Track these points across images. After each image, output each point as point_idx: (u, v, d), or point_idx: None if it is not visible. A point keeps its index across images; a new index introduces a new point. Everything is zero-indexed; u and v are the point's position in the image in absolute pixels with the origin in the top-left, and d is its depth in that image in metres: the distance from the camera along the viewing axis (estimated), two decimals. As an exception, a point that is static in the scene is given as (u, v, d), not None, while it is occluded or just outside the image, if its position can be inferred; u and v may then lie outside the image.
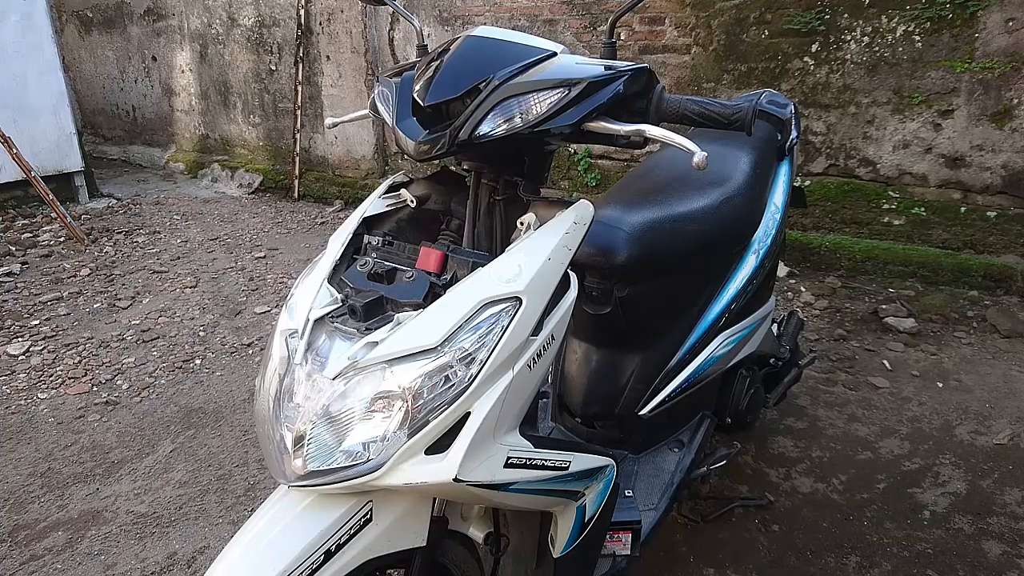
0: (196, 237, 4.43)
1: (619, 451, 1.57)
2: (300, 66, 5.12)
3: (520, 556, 1.29)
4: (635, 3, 0.97)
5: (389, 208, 1.14)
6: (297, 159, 5.31)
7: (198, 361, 2.87)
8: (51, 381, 2.73)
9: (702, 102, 0.95)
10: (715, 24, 3.51)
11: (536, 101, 0.91)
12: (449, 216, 1.13)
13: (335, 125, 1.30)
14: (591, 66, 0.95)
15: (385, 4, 1.22)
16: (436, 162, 1.00)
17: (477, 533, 1.15)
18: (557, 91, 0.90)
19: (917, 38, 3.05)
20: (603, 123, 0.93)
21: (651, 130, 0.92)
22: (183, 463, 2.22)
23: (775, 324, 2.12)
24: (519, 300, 0.90)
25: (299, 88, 5.17)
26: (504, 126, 0.91)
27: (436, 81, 0.94)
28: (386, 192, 1.14)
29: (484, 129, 0.91)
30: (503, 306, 0.90)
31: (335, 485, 0.89)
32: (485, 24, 4.07)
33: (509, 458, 0.95)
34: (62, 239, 4.32)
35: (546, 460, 1.02)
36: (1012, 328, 2.77)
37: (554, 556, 1.20)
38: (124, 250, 4.19)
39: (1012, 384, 2.45)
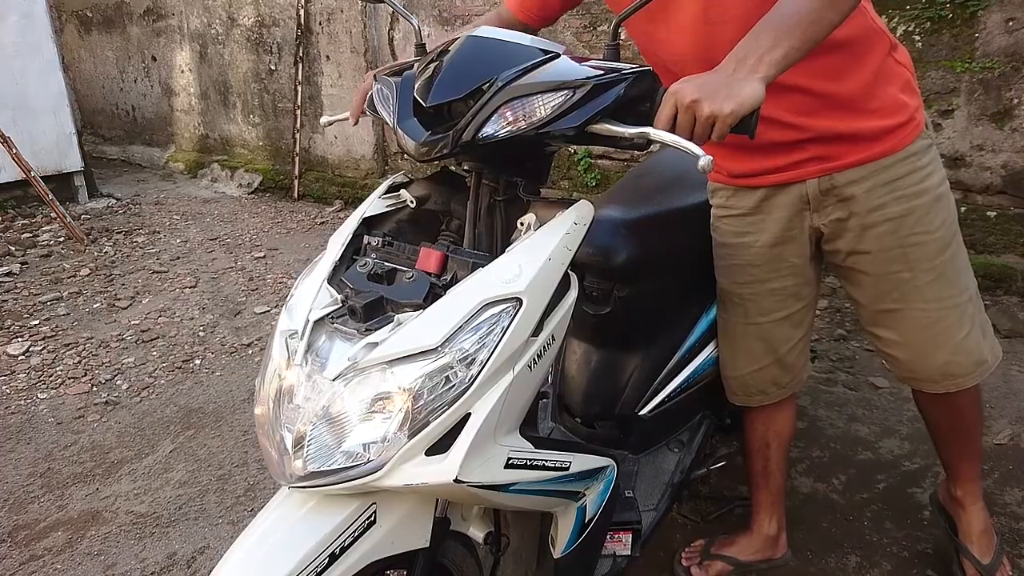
0: (196, 237, 4.43)
1: (619, 451, 1.57)
2: (300, 66, 5.11)
3: (520, 556, 1.29)
4: (640, 5, 0.97)
5: (389, 208, 1.14)
6: (297, 159, 5.30)
7: (198, 361, 2.87)
8: (51, 381, 2.73)
9: None
10: (715, 24, 3.51)
11: (540, 103, 0.90)
12: (449, 216, 1.13)
13: (330, 123, 1.30)
14: (594, 68, 0.94)
15: (385, 4, 1.22)
16: (436, 162, 1.00)
17: (477, 533, 1.15)
18: (561, 93, 0.90)
19: (917, 38, 3.05)
20: (607, 125, 0.92)
21: (655, 132, 0.91)
22: (183, 463, 2.22)
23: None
24: (519, 301, 0.90)
25: (299, 88, 5.17)
26: (508, 128, 0.91)
27: (438, 81, 0.94)
28: (386, 192, 1.14)
29: (488, 131, 0.91)
30: (503, 307, 0.90)
31: (336, 486, 0.88)
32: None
33: (509, 459, 0.95)
34: (62, 239, 4.32)
35: (546, 461, 1.02)
36: (1012, 328, 2.77)
37: (554, 556, 1.20)
38: (124, 250, 4.19)
39: (1012, 384, 2.45)
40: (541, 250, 0.94)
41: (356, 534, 0.91)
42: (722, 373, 1.59)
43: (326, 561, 0.88)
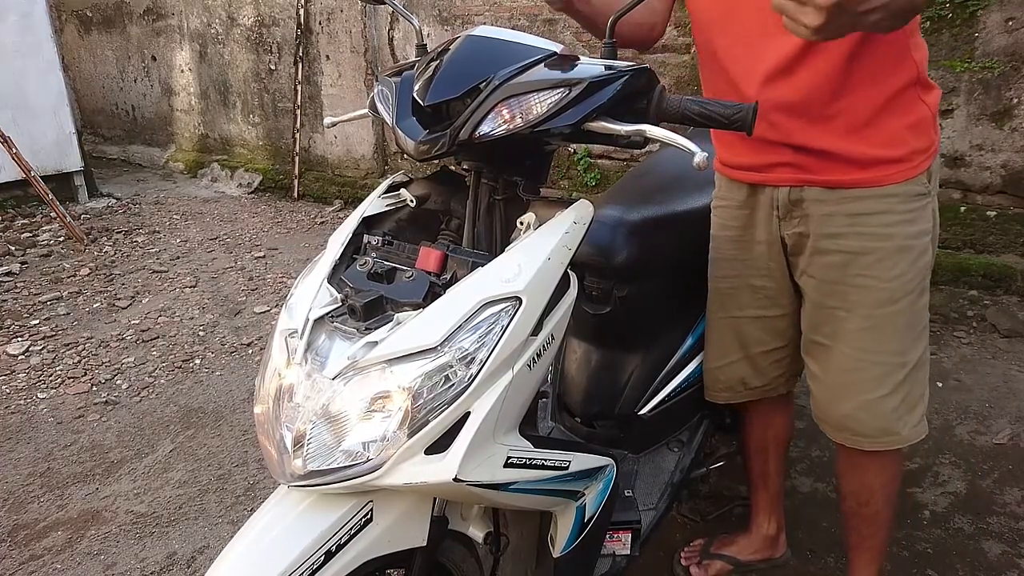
0: (196, 237, 4.43)
1: (619, 451, 1.57)
2: (300, 66, 5.11)
3: (520, 556, 1.29)
4: (635, 3, 0.97)
5: (389, 208, 1.14)
6: (297, 159, 5.30)
7: (197, 361, 2.87)
8: (51, 381, 2.73)
9: (702, 102, 0.95)
10: (715, 24, 3.51)
11: (537, 101, 0.90)
12: (449, 216, 1.13)
13: (334, 124, 1.30)
14: (591, 66, 0.95)
15: (385, 4, 1.22)
16: (436, 162, 1.00)
17: (477, 533, 1.14)
18: (558, 91, 0.90)
19: (917, 38, 3.05)
20: (604, 123, 0.93)
21: (652, 130, 0.91)
22: (182, 463, 2.22)
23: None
24: (519, 300, 0.90)
25: (299, 88, 5.17)
26: (504, 126, 0.91)
27: (436, 81, 0.94)
28: (386, 192, 1.14)
29: (484, 129, 0.91)
30: (503, 306, 0.90)
31: (335, 485, 0.89)
32: (485, 24, 4.06)
33: (509, 458, 0.95)
34: (61, 239, 4.32)
35: (546, 460, 1.02)
36: (1012, 328, 2.77)
37: (554, 556, 1.20)
38: (123, 250, 4.19)
39: (1012, 384, 2.45)
40: (540, 249, 0.94)
41: (352, 532, 0.91)
42: (703, 366, 1.59)
43: (322, 559, 0.88)
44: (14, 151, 4.31)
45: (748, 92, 1.21)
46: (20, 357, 2.91)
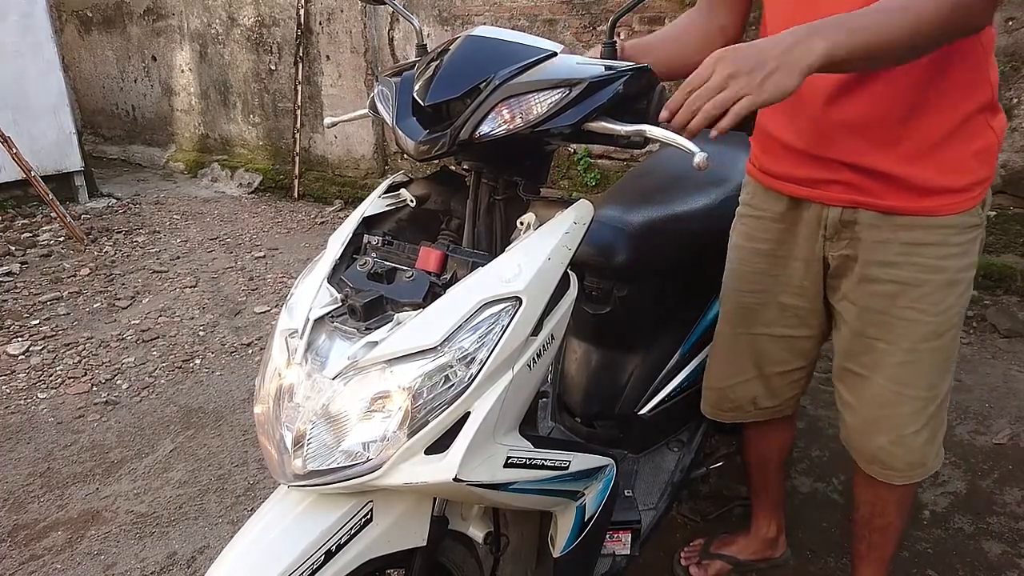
0: (196, 237, 4.43)
1: (619, 451, 1.57)
2: (300, 66, 5.11)
3: (520, 556, 1.29)
4: (635, 3, 0.97)
5: (389, 208, 1.14)
6: (297, 159, 5.30)
7: (198, 361, 2.87)
8: (51, 381, 2.73)
9: None
10: (715, 24, 3.51)
11: (537, 101, 0.90)
12: (449, 216, 1.13)
13: (334, 124, 1.30)
14: (591, 66, 0.95)
15: (385, 4, 1.22)
16: (436, 162, 1.00)
17: (477, 533, 1.15)
18: (558, 91, 0.90)
19: (917, 38, 3.05)
20: (604, 123, 0.92)
21: (652, 130, 0.91)
22: (183, 463, 2.22)
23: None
24: (519, 300, 0.90)
25: (299, 88, 5.17)
26: (504, 126, 0.91)
27: (436, 81, 0.94)
28: (386, 192, 1.14)
29: (484, 129, 0.91)
30: (503, 306, 0.90)
31: (335, 485, 0.89)
32: (485, 24, 4.06)
33: (509, 458, 0.95)
34: (62, 239, 4.32)
35: (546, 460, 1.02)
36: (1012, 328, 2.77)
37: (554, 556, 1.20)
38: (124, 250, 4.19)
39: (1012, 384, 2.45)
40: (540, 249, 0.94)
41: (352, 532, 0.91)
42: (703, 383, 1.54)
43: (322, 559, 0.88)
44: (14, 151, 4.31)
45: (812, 107, 1.14)
46: (20, 357, 2.91)
